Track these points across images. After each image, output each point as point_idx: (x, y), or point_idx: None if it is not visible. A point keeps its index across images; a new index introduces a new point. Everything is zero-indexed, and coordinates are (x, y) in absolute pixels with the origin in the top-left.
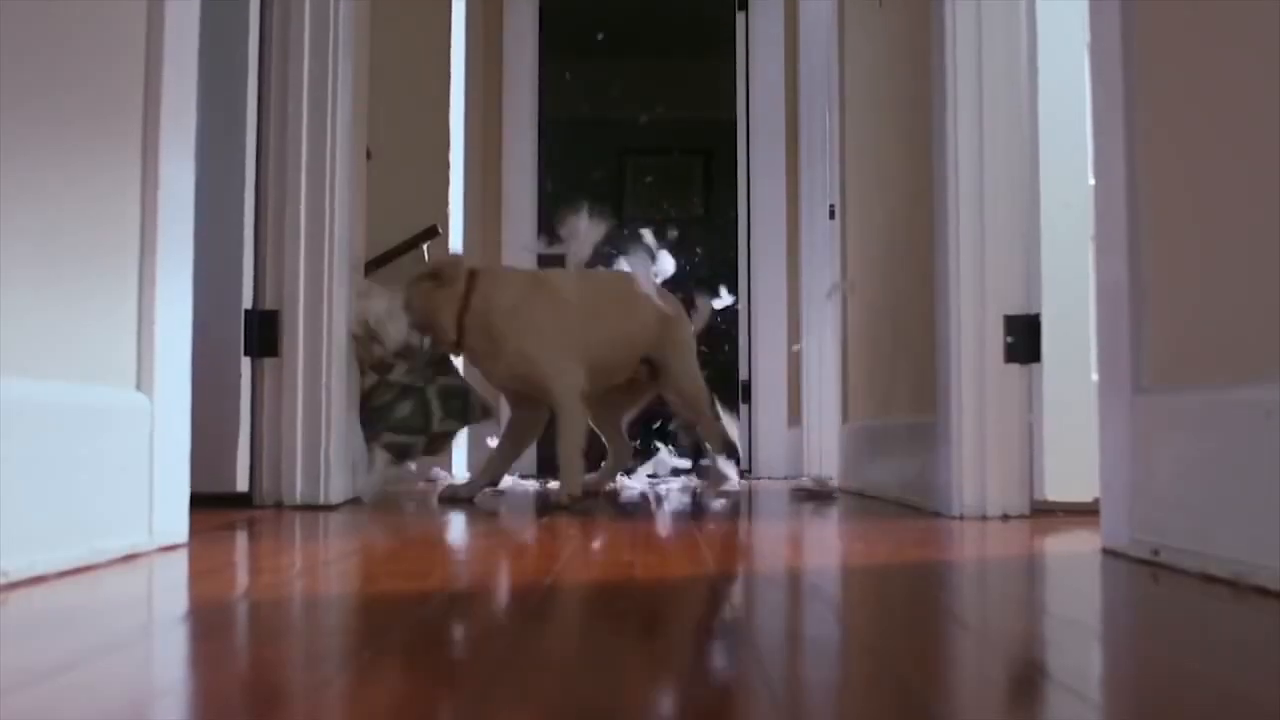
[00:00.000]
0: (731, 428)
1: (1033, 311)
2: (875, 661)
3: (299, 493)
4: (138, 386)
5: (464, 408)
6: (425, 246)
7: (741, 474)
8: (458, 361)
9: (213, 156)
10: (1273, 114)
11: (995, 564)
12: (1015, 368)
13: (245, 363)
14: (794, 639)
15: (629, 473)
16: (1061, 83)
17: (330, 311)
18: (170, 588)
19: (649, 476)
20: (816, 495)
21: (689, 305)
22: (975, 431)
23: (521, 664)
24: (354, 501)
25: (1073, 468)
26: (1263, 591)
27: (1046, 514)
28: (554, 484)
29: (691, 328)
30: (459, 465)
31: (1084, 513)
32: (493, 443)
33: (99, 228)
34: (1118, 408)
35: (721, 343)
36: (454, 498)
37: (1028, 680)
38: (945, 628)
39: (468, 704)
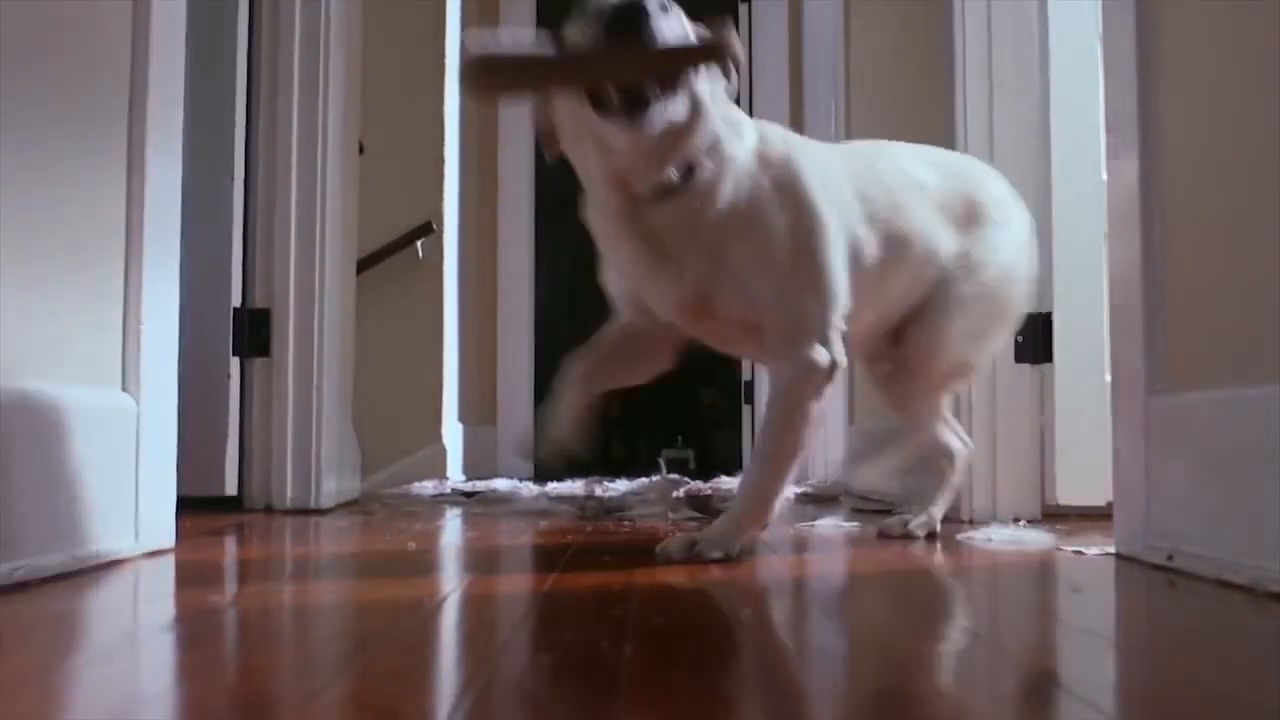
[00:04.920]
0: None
1: (1044, 310)
2: (882, 670)
3: (289, 496)
4: (123, 387)
5: None
6: (419, 244)
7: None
8: None
9: (200, 152)
10: None
11: (1006, 569)
12: (1026, 368)
13: (234, 363)
14: (798, 647)
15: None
16: (1073, 74)
17: (322, 310)
18: (156, 594)
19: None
20: (819, 499)
21: None
22: (985, 433)
23: (518, 671)
24: (346, 505)
25: (1085, 471)
26: None
27: (1059, 518)
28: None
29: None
30: (454, 468)
31: (1097, 516)
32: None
33: (84, 225)
34: (1131, 409)
35: None
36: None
37: (1040, 690)
38: (955, 636)
39: (462, 711)
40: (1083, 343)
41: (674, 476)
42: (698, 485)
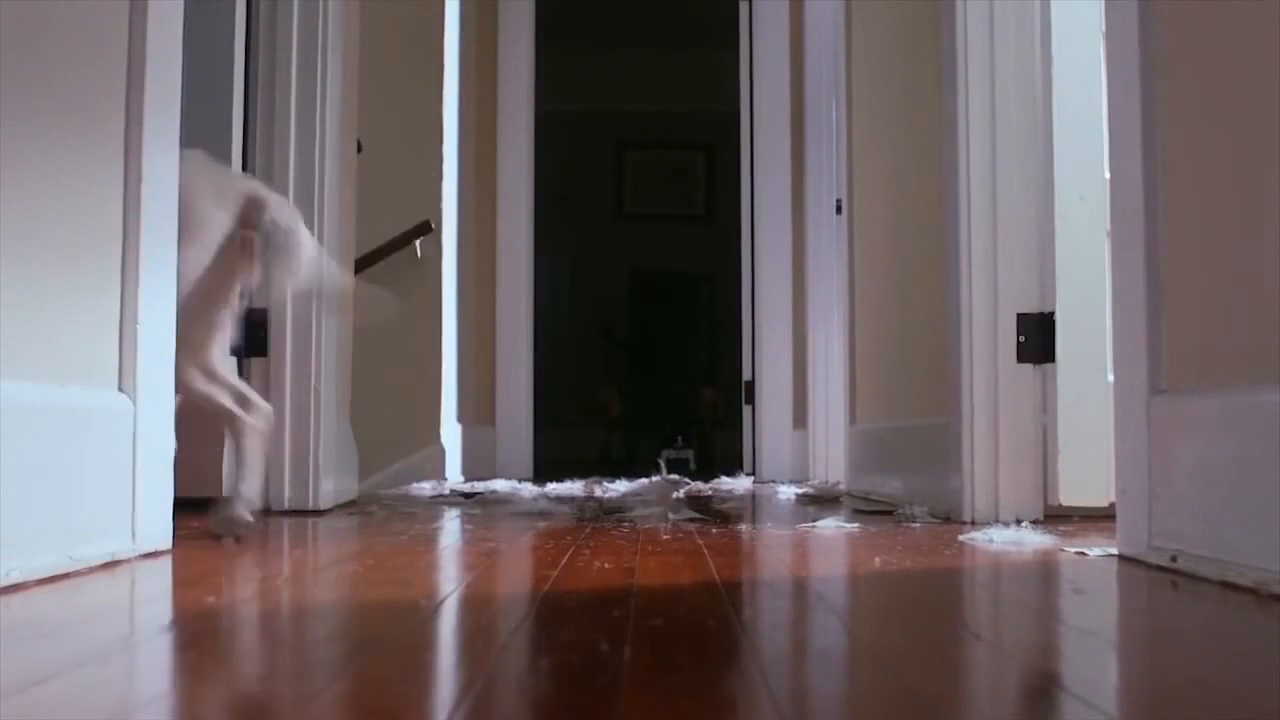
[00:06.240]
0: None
1: (1047, 309)
2: (885, 672)
3: (287, 497)
4: (120, 387)
5: None
6: (418, 243)
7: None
8: None
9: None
10: None
11: (1008, 571)
12: (1028, 368)
13: (231, 363)
14: (800, 649)
15: None
16: (1076, 71)
17: (319, 310)
18: (153, 596)
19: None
20: (820, 499)
21: None
22: (987, 434)
23: (517, 673)
24: (344, 506)
25: (1088, 471)
26: None
27: (1061, 519)
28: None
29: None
30: (453, 469)
31: (1100, 517)
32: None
33: (80, 224)
34: (1135, 409)
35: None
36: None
37: (1042, 692)
38: (957, 637)
39: (461, 714)
40: (1085, 342)
41: (674, 477)
42: (698, 486)
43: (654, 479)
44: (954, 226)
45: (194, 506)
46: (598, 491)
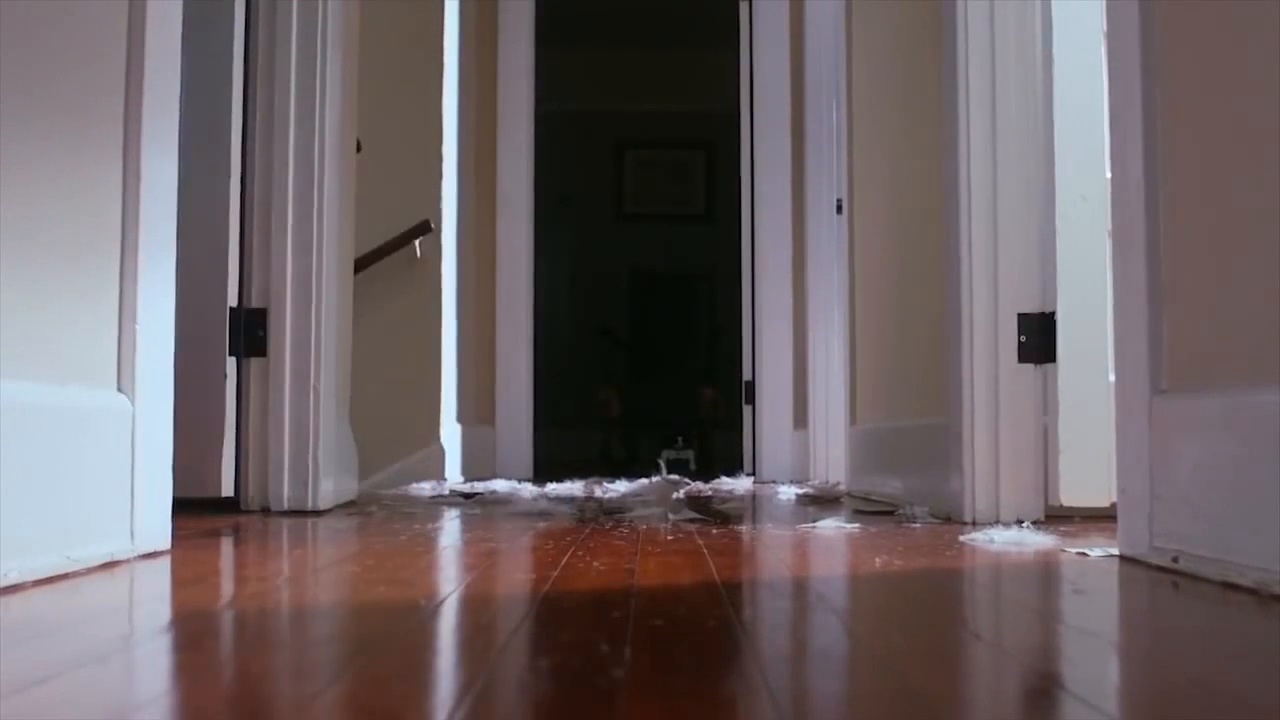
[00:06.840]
0: None
1: (1047, 309)
2: (885, 672)
3: (286, 497)
4: (118, 387)
5: None
6: (417, 243)
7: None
8: None
9: (196, 149)
10: None
11: (1009, 571)
12: (1029, 368)
13: (230, 363)
14: (800, 649)
15: None
16: (1077, 71)
17: (319, 309)
18: (152, 596)
19: None
20: (821, 499)
21: None
22: (988, 434)
23: (517, 673)
24: (344, 506)
25: (1089, 471)
26: None
27: (1062, 519)
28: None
29: None
30: (452, 469)
31: (1101, 518)
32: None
33: (79, 223)
34: (1136, 409)
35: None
36: None
37: (1043, 693)
38: (957, 638)
39: (461, 714)
40: (1086, 342)
41: (674, 477)
42: (698, 486)
43: (654, 479)
44: (954, 226)
45: (193, 507)
46: (598, 492)
